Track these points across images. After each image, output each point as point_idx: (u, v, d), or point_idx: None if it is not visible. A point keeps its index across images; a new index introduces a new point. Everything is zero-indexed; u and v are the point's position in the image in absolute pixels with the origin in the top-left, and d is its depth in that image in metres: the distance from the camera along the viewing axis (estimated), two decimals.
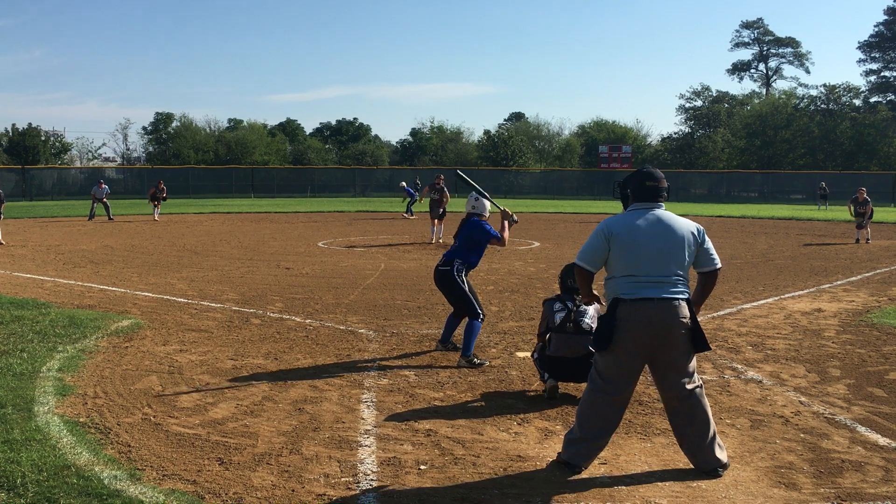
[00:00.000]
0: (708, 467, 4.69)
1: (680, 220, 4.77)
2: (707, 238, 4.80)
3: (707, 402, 4.81)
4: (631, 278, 4.64)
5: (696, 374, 4.79)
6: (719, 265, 4.84)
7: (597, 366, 4.81)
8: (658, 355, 4.68)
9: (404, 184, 36.94)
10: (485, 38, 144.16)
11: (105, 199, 29.57)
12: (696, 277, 4.91)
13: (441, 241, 20.42)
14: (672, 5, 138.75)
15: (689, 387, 4.71)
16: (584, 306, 6.33)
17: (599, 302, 5.11)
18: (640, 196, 4.81)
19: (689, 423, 4.73)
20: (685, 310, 4.62)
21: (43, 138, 65.20)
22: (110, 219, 28.96)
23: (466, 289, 7.52)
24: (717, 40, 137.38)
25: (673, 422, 4.85)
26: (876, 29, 78.05)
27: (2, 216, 20.17)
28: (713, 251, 4.81)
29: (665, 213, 4.78)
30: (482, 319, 7.53)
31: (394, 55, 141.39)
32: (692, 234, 4.73)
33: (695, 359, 4.77)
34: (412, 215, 31.67)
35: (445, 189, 21.22)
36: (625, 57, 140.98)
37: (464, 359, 7.30)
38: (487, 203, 7.69)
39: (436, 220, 20.85)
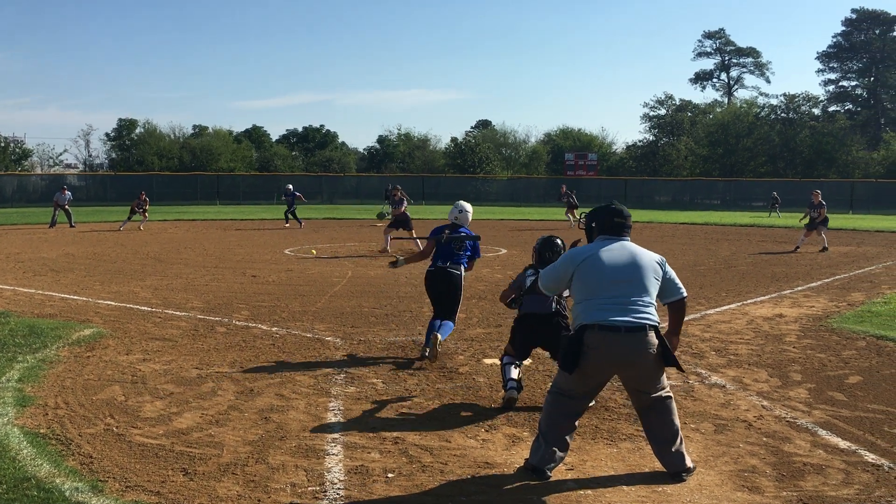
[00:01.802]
0: (674, 470, 4.75)
1: (643, 250, 4.95)
2: (669, 268, 4.96)
3: (675, 408, 4.88)
4: (598, 301, 4.72)
5: (665, 383, 4.87)
6: (685, 293, 5.01)
7: (559, 381, 4.90)
8: (625, 376, 4.84)
9: (290, 187, 30.72)
10: (452, 45, 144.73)
11: (67, 206, 29.07)
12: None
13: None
14: (636, 15, 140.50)
15: (656, 395, 4.81)
16: None
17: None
18: (605, 230, 4.99)
19: (658, 428, 4.82)
20: (653, 338, 4.69)
21: (2, 144, 64.01)
22: (72, 226, 28.46)
23: None
24: (680, 50, 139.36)
25: (643, 425, 4.95)
26: (834, 40, 79.97)
27: None
28: (677, 280, 4.97)
29: (632, 243, 4.96)
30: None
31: (361, 62, 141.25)
32: (656, 262, 4.89)
33: (664, 371, 4.85)
34: (290, 223, 29.25)
35: (405, 198, 20.26)
36: (590, 65, 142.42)
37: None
38: (469, 215, 8.20)
39: (395, 231, 19.42)
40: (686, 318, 10.05)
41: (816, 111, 73.28)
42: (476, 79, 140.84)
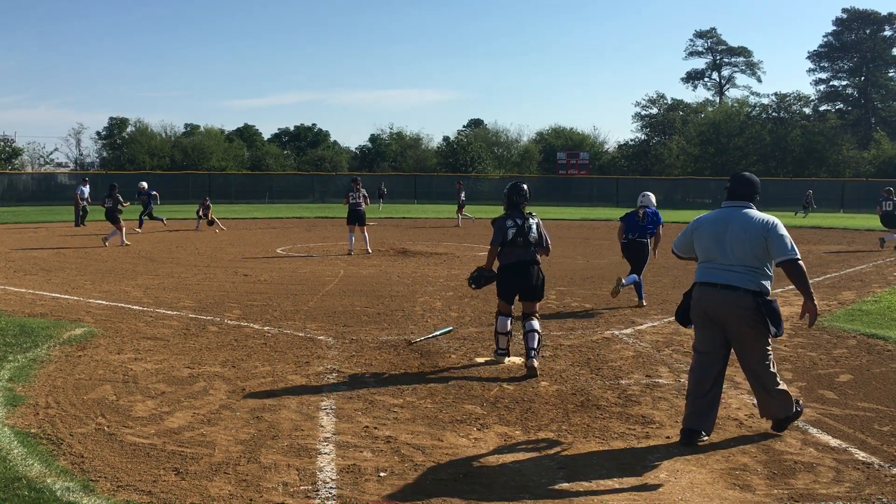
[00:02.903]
0: (765, 416, 5.55)
1: (756, 217, 5.42)
2: (779, 232, 5.31)
3: (772, 371, 5.44)
4: (705, 264, 5.55)
5: (764, 351, 5.40)
6: (794, 256, 5.28)
7: (694, 341, 5.72)
8: (726, 331, 5.44)
9: (145, 185, 27.10)
10: (444, 45, 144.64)
11: (85, 202, 28.11)
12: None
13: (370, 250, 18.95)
14: (628, 15, 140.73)
15: (752, 359, 5.43)
16: (530, 220, 7.59)
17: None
18: (731, 195, 5.62)
19: (753, 385, 5.57)
20: (746, 300, 5.27)
21: None
22: (83, 224, 28.03)
23: None
24: (672, 49, 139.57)
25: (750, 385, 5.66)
26: (825, 39, 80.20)
27: None
28: (787, 242, 5.30)
29: (744, 211, 5.48)
30: None
31: (353, 61, 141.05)
32: (761, 229, 5.34)
33: (766, 340, 5.39)
34: (142, 228, 25.99)
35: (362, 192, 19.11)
36: (582, 65, 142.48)
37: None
38: (651, 198, 11.44)
39: (360, 227, 18.84)
40: None
41: (807, 110, 73.58)
42: (468, 78, 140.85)
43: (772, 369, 5.45)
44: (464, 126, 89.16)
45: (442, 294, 12.17)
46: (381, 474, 4.76)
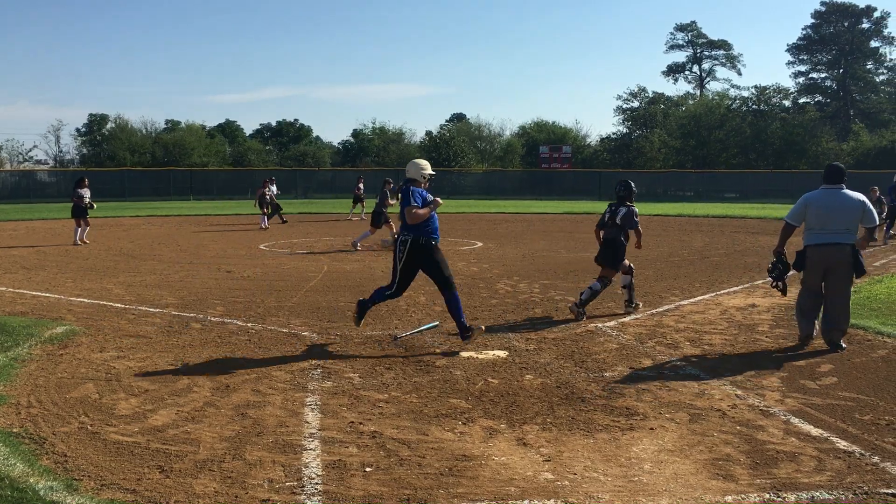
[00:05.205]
0: (826, 338, 7.90)
1: (850, 196, 7.85)
2: (869, 207, 7.87)
3: (848, 306, 7.90)
4: (814, 230, 7.90)
5: (849, 288, 7.92)
6: (876, 224, 8.00)
7: (802, 279, 8.20)
8: (826, 274, 7.91)
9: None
10: (426, 39, 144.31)
11: (275, 199, 27.40)
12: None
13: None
14: (609, 8, 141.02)
15: (839, 293, 7.85)
16: (620, 208, 10.07)
17: (783, 254, 8.25)
18: (827, 180, 7.96)
19: (827, 311, 7.88)
20: (846, 251, 7.76)
21: None
22: (283, 221, 27.69)
23: None
24: (653, 43, 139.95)
25: (823, 307, 8.03)
26: (804, 32, 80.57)
27: None
28: (874, 215, 7.94)
29: (841, 191, 7.88)
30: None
31: (334, 56, 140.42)
32: (857, 203, 7.81)
33: (851, 282, 7.95)
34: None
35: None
36: (564, 59, 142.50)
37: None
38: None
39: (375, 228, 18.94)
40: (660, 309, 10.27)
41: (787, 103, 73.94)
42: (450, 73, 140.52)
43: (847, 305, 7.87)
44: (446, 120, 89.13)
45: (426, 289, 12.16)
46: (367, 469, 4.76)
